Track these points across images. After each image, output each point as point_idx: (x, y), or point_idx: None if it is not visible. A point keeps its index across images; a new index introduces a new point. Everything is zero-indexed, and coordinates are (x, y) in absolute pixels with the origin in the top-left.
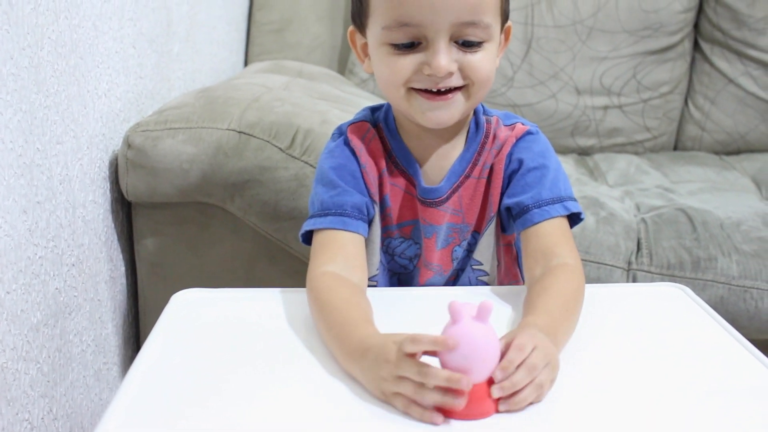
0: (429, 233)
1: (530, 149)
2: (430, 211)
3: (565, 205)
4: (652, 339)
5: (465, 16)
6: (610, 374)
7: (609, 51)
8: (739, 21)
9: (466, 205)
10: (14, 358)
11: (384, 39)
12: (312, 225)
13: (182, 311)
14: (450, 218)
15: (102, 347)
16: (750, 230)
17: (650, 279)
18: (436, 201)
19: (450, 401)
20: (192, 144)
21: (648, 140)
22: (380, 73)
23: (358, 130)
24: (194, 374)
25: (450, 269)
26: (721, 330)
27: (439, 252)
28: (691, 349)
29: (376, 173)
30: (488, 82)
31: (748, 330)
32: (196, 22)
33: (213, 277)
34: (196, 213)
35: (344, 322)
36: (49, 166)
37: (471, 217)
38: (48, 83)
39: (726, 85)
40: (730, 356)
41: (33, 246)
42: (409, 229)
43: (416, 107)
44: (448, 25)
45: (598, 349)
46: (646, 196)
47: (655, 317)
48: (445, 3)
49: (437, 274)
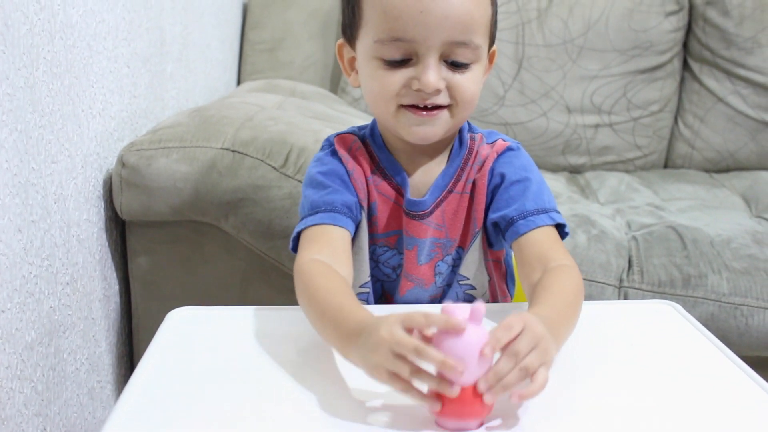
0: (410, 245)
1: (512, 164)
2: (414, 224)
3: (551, 215)
4: (643, 356)
5: (457, 35)
6: (601, 391)
7: (599, 70)
8: (727, 40)
9: (449, 220)
10: (8, 377)
11: (375, 53)
12: (303, 224)
13: (177, 329)
14: (433, 233)
15: (96, 366)
16: (740, 247)
17: (641, 296)
18: (419, 214)
19: (444, 388)
20: (186, 163)
21: (638, 158)
22: (369, 87)
23: (345, 141)
24: (189, 393)
25: (432, 283)
26: (712, 347)
27: (422, 266)
28: (682, 366)
29: (364, 180)
30: (472, 103)
31: (738, 347)
32: (190, 42)
33: (207, 296)
34: (190, 231)
35: (340, 307)
36: (43, 185)
37: (454, 233)
38: (43, 103)
39: (715, 103)
40: (721, 373)
41: (28, 265)
42: (395, 239)
43: (403, 123)
44: (440, 43)
45: (590, 366)
46: (636, 214)
47: (646, 334)
48: (439, 21)
49: (418, 287)
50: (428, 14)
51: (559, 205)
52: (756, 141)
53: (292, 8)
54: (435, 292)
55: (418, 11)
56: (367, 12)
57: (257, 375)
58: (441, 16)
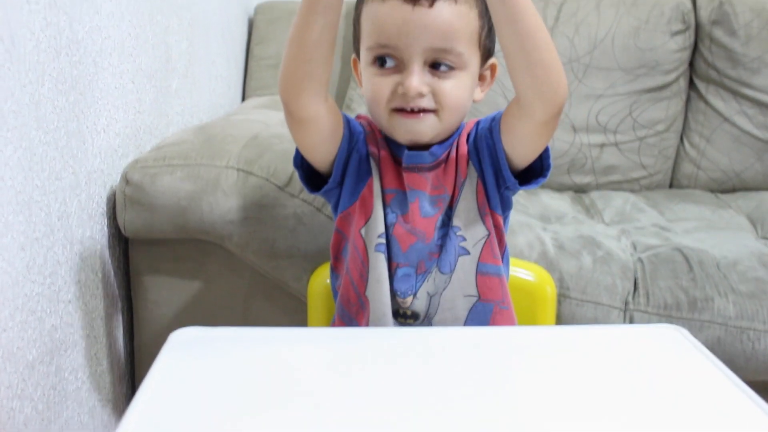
0: (412, 198)
1: (485, 118)
2: (413, 177)
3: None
4: (648, 381)
5: (437, 42)
6: (606, 416)
7: (605, 89)
8: (733, 60)
9: (443, 179)
10: (9, 396)
11: (368, 59)
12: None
13: (180, 350)
14: (432, 190)
15: (97, 384)
16: (746, 270)
17: (647, 319)
18: (418, 166)
19: None
20: (190, 181)
21: (644, 178)
22: (366, 93)
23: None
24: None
25: (432, 238)
26: (719, 373)
27: (423, 219)
28: (688, 392)
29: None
30: (458, 110)
31: (745, 371)
32: (195, 58)
33: (209, 314)
34: (194, 250)
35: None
36: (47, 202)
37: (449, 189)
38: (48, 120)
39: (721, 123)
40: (727, 400)
41: (30, 283)
42: (391, 197)
43: (395, 125)
44: (421, 50)
45: (595, 391)
46: (642, 235)
47: (652, 359)
48: (419, 30)
49: (420, 241)
50: (409, 23)
51: (564, 225)
52: (762, 161)
53: None
54: (434, 250)
55: (400, 22)
56: (363, 24)
57: (260, 398)
58: (421, 25)
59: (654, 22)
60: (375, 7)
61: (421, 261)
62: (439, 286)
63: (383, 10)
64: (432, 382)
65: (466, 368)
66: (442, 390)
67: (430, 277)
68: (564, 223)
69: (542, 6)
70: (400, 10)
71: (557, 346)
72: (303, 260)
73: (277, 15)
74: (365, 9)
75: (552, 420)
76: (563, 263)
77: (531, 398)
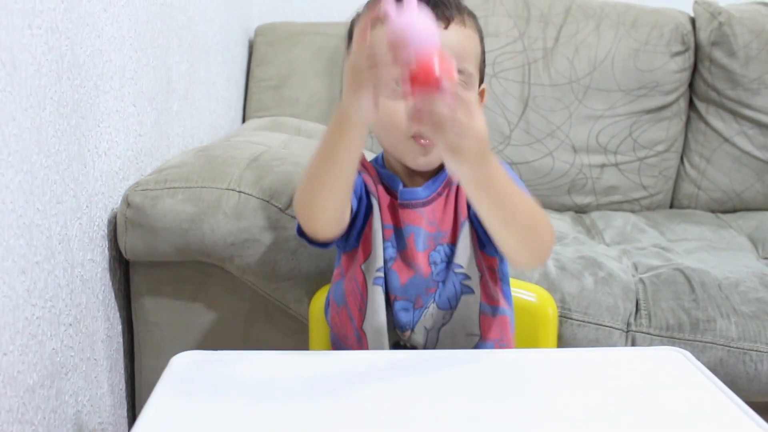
0: (407, 233)
1: None
2: (408, 213)
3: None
4: (651, 404)
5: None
6: None
7: (605, 110)
8: (733, 81)
9: (439, 217)
10: (9, 421)
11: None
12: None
13: (181, 375)
14: (426, 226)
15: (97, 407)
16: (748, 291)
17: (649, 340)
18: (413, 203)
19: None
20: (191, 203)
21: (644, 198)
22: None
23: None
24: None
25: (429, 273)
26: (723, 396)
27: (419, 253)
28: (691, 414)
29: (370, 179)
30: None
31: (747, 392)
32: (195, 80)
33: (210, 337)
34: (195, 272)
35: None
36: (48, 225)
37: (445, 225)
38: (49, 143)
39: (721, 144)
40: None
41: (31, 306)
42: (390, 232)
43: (409, 152)
44: None
45: (598, 414)
46: (643, 256)
47: (655, 381)
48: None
49: (417, 275)
50: None
51: (565, 246)
52: (762, 181)
53: (298, 46)
54: (431, 285)
55: None
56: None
57: (262, 422)
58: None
59: (654, 43)
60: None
61: (419, 296)
62: (437, 321)
63: None
64: (434, 405)
65: (467, 391)
66: (444, 413)
67: (427, 312)
68: (565, 244)
69: (542, 27)
70: None
71: (560, 368)
72: (304, 282)
73: (277, 37)
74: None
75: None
76: (565, 284)
77: (533, 421)
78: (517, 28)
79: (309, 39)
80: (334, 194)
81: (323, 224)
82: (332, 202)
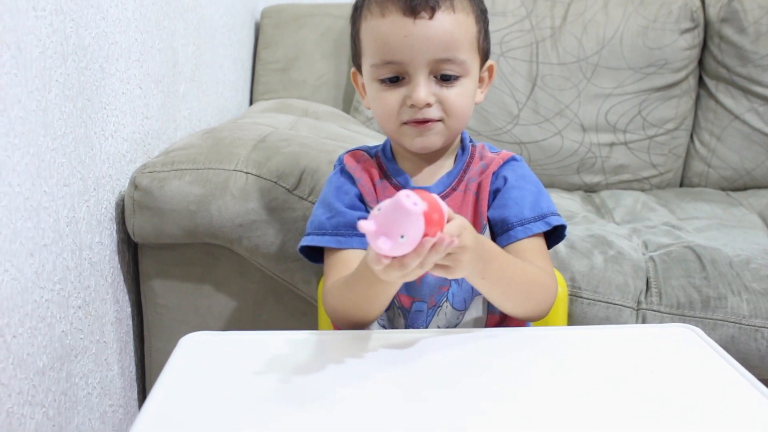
0: None
1: (514, 171)
2: None
3: (547, 221)
4: (663, 381)
5: (441, 53)
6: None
7: (614, 88)
8: (743, 58)
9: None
10: (20, 403)
11: (373, 76)
12: (309, 241)
13: (190, 355)
14: None
15: (107, 389)
16: (759, 268)
17: (660, 318)
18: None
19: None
20: (199, 185)
21: (654, 177)
22: (374, 108)
23: (354, 155)
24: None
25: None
26: (734, 372)
27: None
28: (703, 391)
29: (371, 185)
30: (464, 116)
31: (759, 370)
32: (202, 62)
33: (219, 318)
34: (203, 254)
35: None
36: (55, 208)
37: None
38: (55, 126)
39: (731, 121)
40: (742, 398)
41: (39, 289)
42: None
43: (405, 136)
44: (426, 61)
45: (609, 391)
46: (653, 234)
47: (667, 359)
48: (422, 43)
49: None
50: (411, 37)
51: (575, 225)
52: None
53: (305, 28)
54: (444, 283)
55: (402, 36)
56: (364, 41)
57: (271, 402)
58: (423, 37)
59: (662, 20)
60: (375, 22)
61: (432, 295)
62: (450, 321)
63: (384, 26)
64: (444, 383)
65: (478, 370)
66: (455, 391)
67: (441, 311)
68: (575, 223)
69: (550, 5)
70: (402, 24)
71: (570, 346)
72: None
73: (284, 19)
74: (365, 25)
75: (566, 421)
76: (574, 263)
77: (544, 399)
78: (525, 7)
79: (316, 21)
80: (371, 315)
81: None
82: (369, 320)
